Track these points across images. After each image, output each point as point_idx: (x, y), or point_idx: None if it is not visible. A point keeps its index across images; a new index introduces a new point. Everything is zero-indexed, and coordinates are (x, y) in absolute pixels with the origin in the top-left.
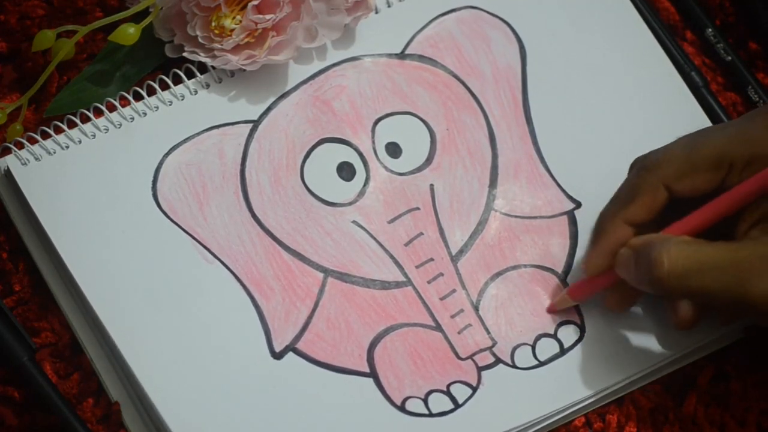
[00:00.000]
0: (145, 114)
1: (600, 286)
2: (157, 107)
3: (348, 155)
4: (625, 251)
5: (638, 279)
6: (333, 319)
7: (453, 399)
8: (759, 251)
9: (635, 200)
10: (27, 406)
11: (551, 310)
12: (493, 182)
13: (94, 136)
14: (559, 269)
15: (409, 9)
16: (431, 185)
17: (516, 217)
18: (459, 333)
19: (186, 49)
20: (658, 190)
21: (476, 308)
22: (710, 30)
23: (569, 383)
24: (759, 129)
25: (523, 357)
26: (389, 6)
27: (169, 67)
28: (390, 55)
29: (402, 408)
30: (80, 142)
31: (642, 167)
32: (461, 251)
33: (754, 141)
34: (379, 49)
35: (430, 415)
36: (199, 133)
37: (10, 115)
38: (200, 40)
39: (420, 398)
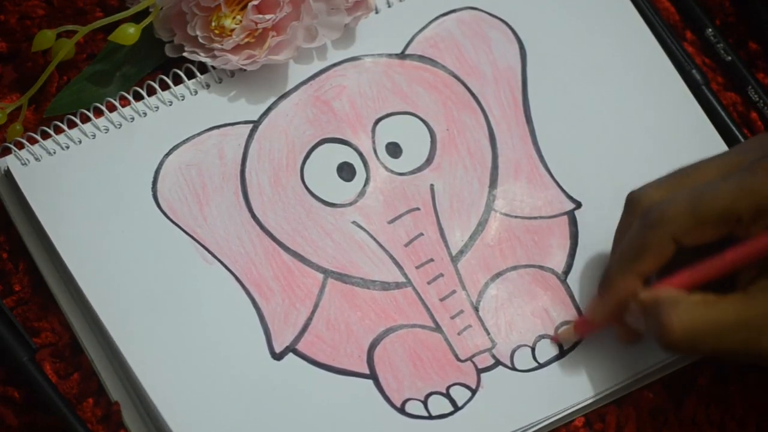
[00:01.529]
0: (145, 114)
1: (605, 326)
2: (157, 107)
3: (348, 155)
4: (635, 308)
5: (649, 334)
6: (333, 320)
7: (452, 401)
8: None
9: (644, 256)
10: (27, 406)
11: (554, 341)
12: (493, 182)
13: (94, 136)
14: (560, 270)
15: (409, 9)
16: (431, 185)
17: (516, 217)
18: (459, 334)
19: (186, 49)
20: (667, 245)
21: (476, 309)
22: (710, 30)
23: (569, 385)
24: (763, 181)
25: (523, 359)
26: (389, 6)
27: (169, 67)
28: (390, 55)
29: (402, 410)
30: (80, 142)
31: (648, 224)
32: (461, 252)
33: (760, 194)
34: (380, 49)
35: (430, 417)
36: (199, 134)
37: (10, 115)
38: (200, 40)
39: (419, 400)
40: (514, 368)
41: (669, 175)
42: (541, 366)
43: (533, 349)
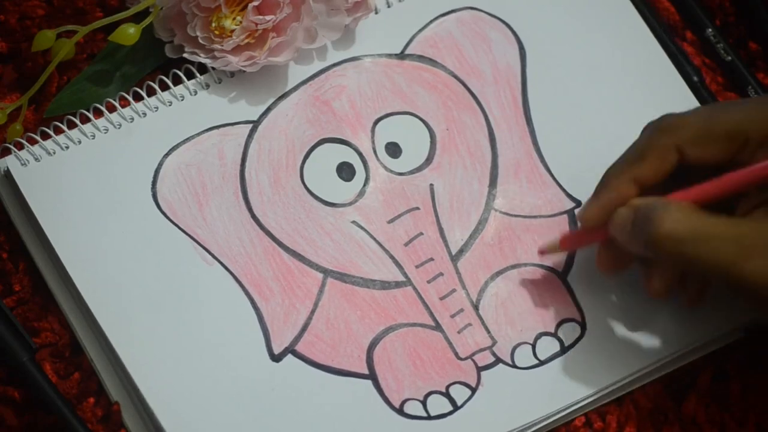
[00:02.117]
0: (144, 114)
1: (591, 239)
2: (157, 108)
3: (348, 155)
4: (624, 211)
5: (633, 238)
6: (332, 320)
7: (452, 401)
8: (759, 231)
9: (645, 159)
10: (27, 406)
11: (541, 252)
12: (493, 182)
13: (93, 136)
14: (560, 268)
15: (409, 9)
16: (431, 185)
17: (516, 216)
18: (459, 333)
19: (186, 49)
20: (669, 152)
21: (476, 308)
22: (710, 30)
23: (569, 382)
24: None
25: (524, 356)
26: (389, 6)
27: (169, 68)
28: (390, 56)
29: (400, 411)
30: (80, 142)
31: (657, 128)
32: (461, 251)
33: None
34: (379, 50)
35: (429, 417)
36: (198, 134)
37: (10, 115)
38: (200, 40)
39: (419, 400)
40: (514, 366)
41: (697, 107)
42: (541, 363)
43: (534, 347)
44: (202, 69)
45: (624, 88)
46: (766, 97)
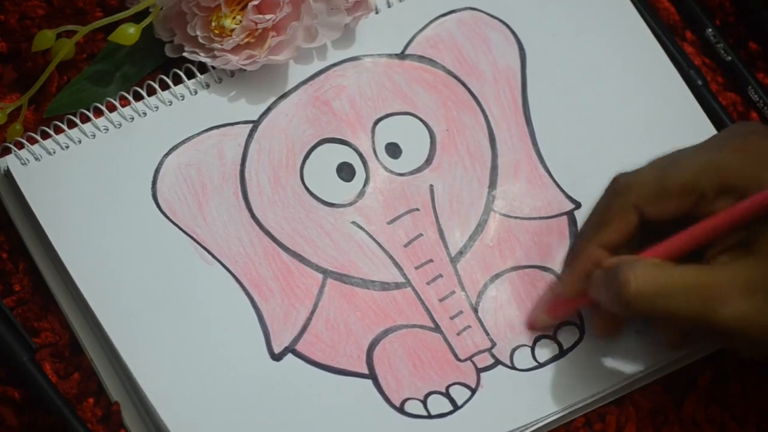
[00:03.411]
0: (144, 114)
1: (576, 306)
2: (157, 107)
3: (348, 156)
4: (598, 272)
5: (608, 300)
6: (332, 321)
7: (452, 400)
8: (725, 276)
9: (608, 223)
10: (27, 406)
11: (531, 327)
12: (492, 183)
13: (93, 136)
14: (559, 270)
15: (409, 9)
16: (431, 186)
17: (516, 217)
18: (458, 334)
19: (186, 49)
20: (629, 214)
21: (475, 309)
22: (710, 30)
23: (569, 385)
24: (730, 157)
25: (523, 358)
26: (389, 6)
27: (169, 67)
28: (390, 56)
29: (401, 409)
30: (80, 142)
31: (613, 191)
32: (461, 252)
33: (724, 170)
34: (379, 50)
35: (429, 416)
36: (198, 134)
37: (10, 115)
38: (200, 40)
39: (419, 400)
40: (513, 368)
41: (651, 161)
42: (540, 365)
43: (533, 349)
44: (203, 68)
45: (624, 89)
46: (712, 144)
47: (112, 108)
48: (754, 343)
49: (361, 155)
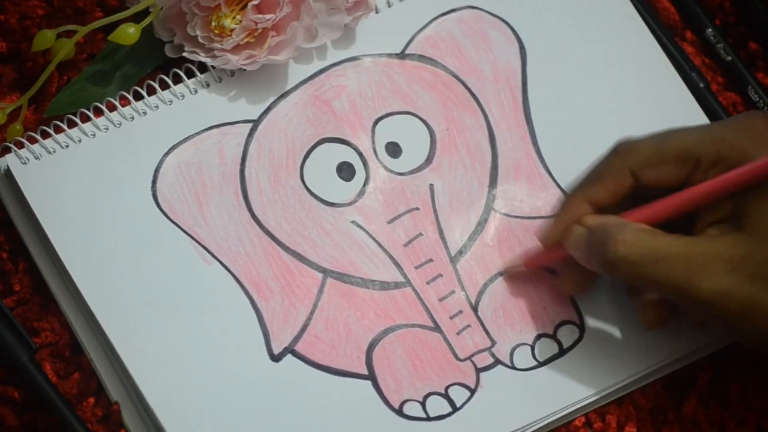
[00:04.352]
0: (145, 113)
1: (553, 258)
2: (157, 106)
3: (348, 155)
4: (579, 229)
5: (589, 259)
6: (332, 320)
7: (451, 402)
8: (712, 248)
9: (600, 181)
10: (27, 406)
11: (505, 271)
12: (492, 182)
13: (94, 135)
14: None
15: (409, 9)
16: (431, 185)
17: (516, 217)
18: (458, 334)
19: (186, 48)
20: (624, 175)
21: (475, 309)
22: (710, 30)
23: (569, 384)
24: (730, 131)
25: (523, 357)
26: (389, 6)
27: (169, 67)
28: (390, 55)
29: (400, 411)
30: (80, 141)
31: (612, 151)
32: (460, 252)
33: (722, 141)
34: (379, 49)
35: (428, 418)
36: (198, 133)
37: (10, 115)
38: (200, 39)
39: (418, 401)
40: (513, 367)
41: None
42: (540, 364)
43: (533, 348)
44: (203, 68)
45: (624, 88)
46: (719, 122)
47: (112, 107)
48: (730, 319)
49: (361, 155)
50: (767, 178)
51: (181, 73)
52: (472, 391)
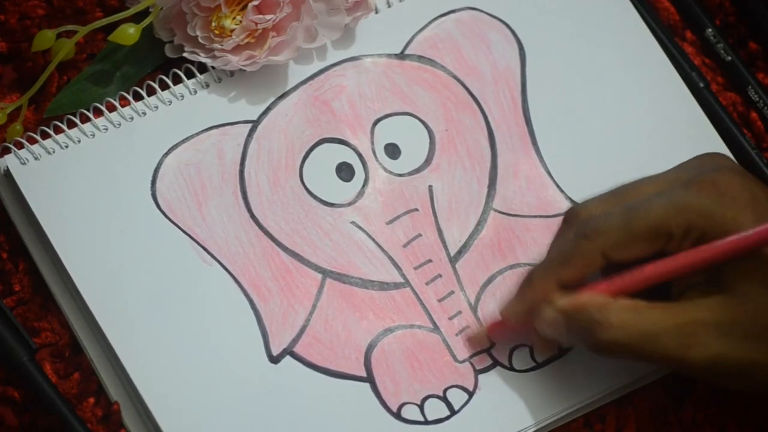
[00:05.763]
0: (144, 114)
1: (514, 333)
2: (157, 107)
3: (347, 156)
4: (550, 311)
5: (570, 340)
6: (331, 321)
7: (449, 405)
8: (698, 315)
9: (569, 264)
10: (27, 406)
11: (467, 342)
12: (492, 183)
13: (93, 135)
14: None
15: (409, 9)
16: (430, 186)
17: (515, 216)
18: (457, 335)
19: (186, 49)
20: (595, 257)
21: (474, 310)
22: (710, 30)
23: (568, 385)
24: (696, 198)
25: (521, 359)
26: (389, 6)
27: (169, 67)
28: (390, 56)
29: (398, 415)
30: (80, 141)
31: (581, 234)
32: (460, 252)
33: (689, 210)
34: (379, 50)
35: (426, 422)
36: (198, 133)
37: (10, 115)
38: (200, 40)
39: (416, 404)
40: (512, 369)
41: (609, 191)
42: (539, 366)
43: (531, 349)
44: (202, 68)
45: (623, 89)
46: (682, 176)
47: (111, 108)
48: (728, 381)
49: (360, 155)
50: (746, 251)
51: (181, 74)
52: (471, 394)
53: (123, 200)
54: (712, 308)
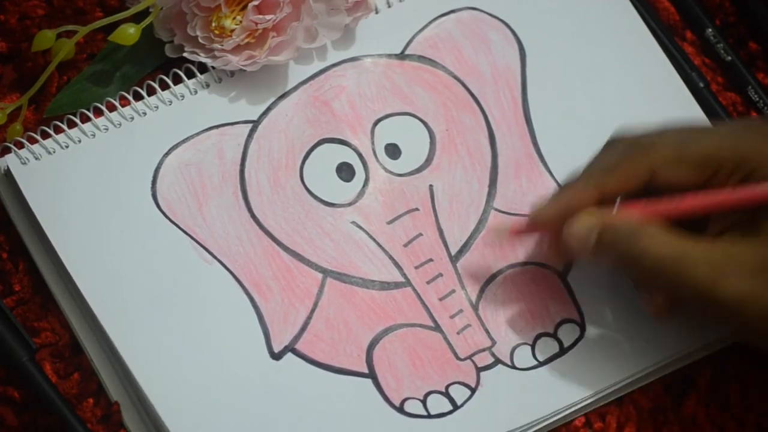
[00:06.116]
0: (144, 114)
1: (540, 233)
2: (157, 107)
3: (347, 156)
4: (588, 220)
5: (601, 253)
6: (332, 320)
7: (452, 400)
8: (733, 253)
9: (615, 172)
10: (27, 406)
11: (489, 229)
12: (492, 182)
13: (93, 135)
14: (559, 268)
15: (409, 9)
16: (430, 186)
17: (515, 215)
18: (458, 333)
19: (186, 49)
20: (642, 170)
21: (475, 308)
22: (710, 30)
23: (569, 383)
24: (751, 137)
25: (523, 357)
26: (389, 6)
27: (169, 67)
28: (390, 56)
29: (400, 409)
30: (80, 141)
31: (633, 144)
32: (460, 251)
33: (744, 148)
34: (379, 50)
35: (429, 416)
36: (198, 133)
37: (10, 115)
38: (200, 40)
39: (419, 399)
40: (513, 366)
41: (671, 126)
42: (540, 364)
43: (533, 347)
44: (203, 68)
45: (623, 89)
46: (738, 123)
47: (112, 108)
48: (750, 322)
49: (360, 155)
50: None
51: (181, 74)
52: (473, 390)
53: (123, 200)
54: (748, 249)
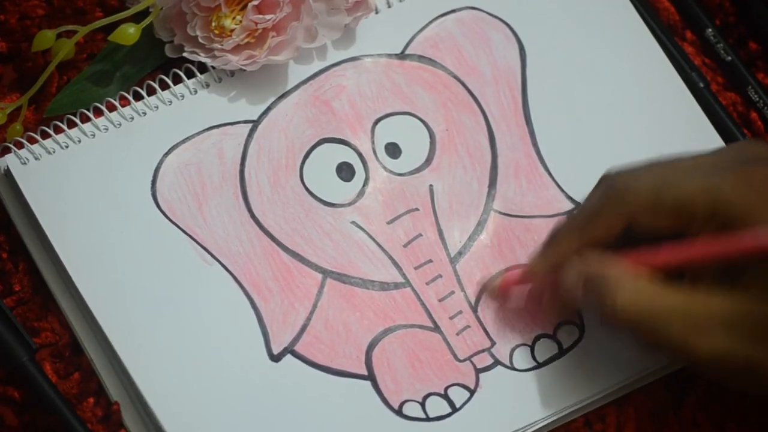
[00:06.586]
0: (144, 114)
1: (529, 285)
2: (157, 107)
3: (347, 155)
4: (574, 272)
5: (585, 303)
6: (331, 321)
7: (450, 402)
8: (710, 307)
9: (593, 223)
10: (27, 406)
11: (480, 286)
12: (492, 182)
13: (93, 135)
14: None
15: (409, 9)
16: (430, 186)
17: (515, 216)
18: (457, 334)
19: (186, 49)
20: (620, 218)
21: (475, 309)
22: (710, 30)
23: (568, 384)
24: (727, 186)
25: (522, 358)
26: (389, 6)
27: (169, 67)
28: (390, 56)
29: (399, 412)
30: (80, 141)
31: (610, 190)
32: (460, 252)
33: (719, 196)
34: (379, 50)
35: (428, 419)
36: (198, 133)
37: (10, 115)
38: (200, 40)
39: (417, 402)
40: (513, 368)
41: (645, 162)
42: (540, 365)
43: (532, 349)
44: (203, 68)
45: (624, 89)
46: (719, 162)
47: (112, 108)
48: (730, 378)
49: (360, 155)
50: (764, 253)
51: (181, 74)
52: (472, 392)
53: (123, 200)
54: (725, 301)
